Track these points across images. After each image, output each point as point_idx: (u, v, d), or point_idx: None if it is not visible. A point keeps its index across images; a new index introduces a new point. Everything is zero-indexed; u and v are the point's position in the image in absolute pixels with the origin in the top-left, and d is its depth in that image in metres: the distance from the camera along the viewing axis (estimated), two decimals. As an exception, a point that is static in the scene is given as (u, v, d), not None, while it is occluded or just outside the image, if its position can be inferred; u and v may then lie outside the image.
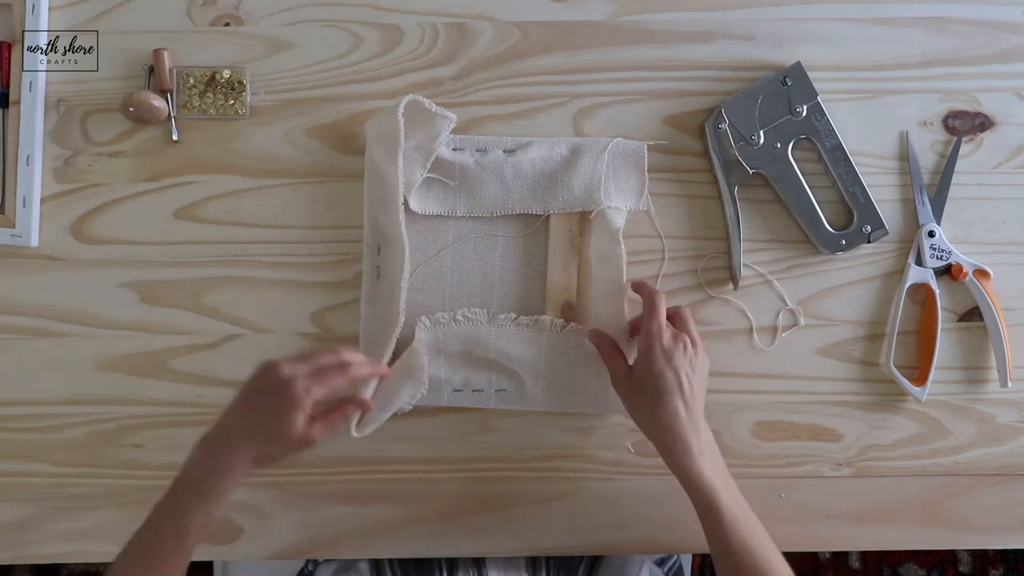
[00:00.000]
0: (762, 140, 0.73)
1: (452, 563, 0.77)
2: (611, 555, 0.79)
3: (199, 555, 0.76)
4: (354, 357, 0.65)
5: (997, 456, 0.76)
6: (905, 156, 0.76)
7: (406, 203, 0.71)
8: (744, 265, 0.74)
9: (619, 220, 0.73)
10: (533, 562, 0.78)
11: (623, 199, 0.73)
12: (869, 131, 0.76)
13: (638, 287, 0.69)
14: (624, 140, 0.74)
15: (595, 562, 0.79)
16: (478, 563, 0.77)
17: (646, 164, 0.73)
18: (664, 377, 0.64)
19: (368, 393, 0.69)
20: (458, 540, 0.76)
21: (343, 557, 0.78)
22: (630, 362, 0.68)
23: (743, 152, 0.73)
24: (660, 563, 0.85)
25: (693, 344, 0.66)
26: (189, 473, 0.62)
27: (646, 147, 0.73)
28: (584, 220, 0.74)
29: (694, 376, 0.65)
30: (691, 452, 0.63)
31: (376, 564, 0.79)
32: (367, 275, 0.73)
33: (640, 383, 0.65)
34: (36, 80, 0.74)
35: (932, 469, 0.76)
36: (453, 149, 0.73)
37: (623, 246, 0.72)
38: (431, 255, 0.74)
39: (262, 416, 0.62)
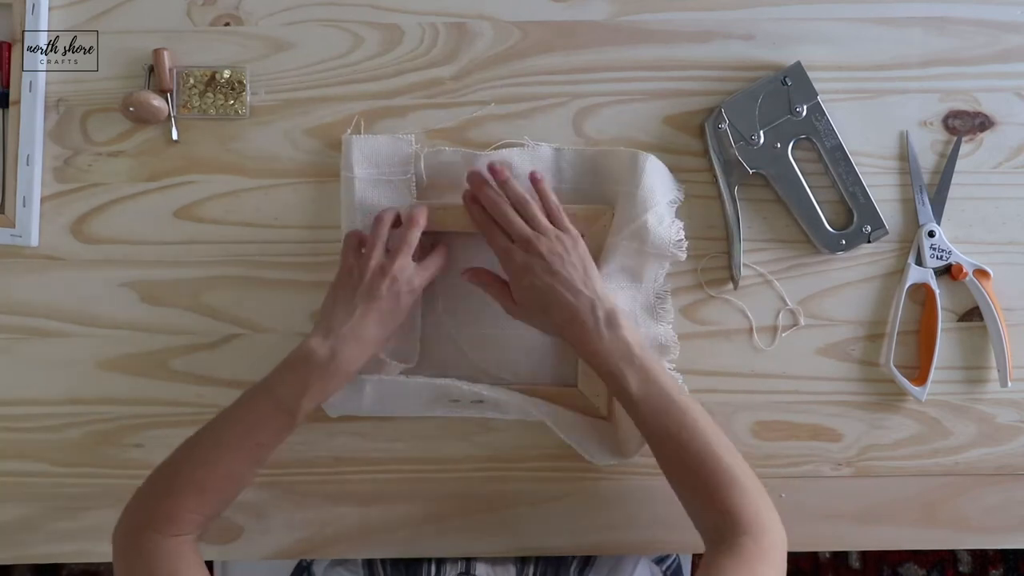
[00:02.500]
0: (762, 140, 0.73)
1: (441, 559, 0.77)
2: (609, 555, 0.79)
3: (199, 555, 0.76)
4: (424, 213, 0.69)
5: (997, 456, 0.76)
6: (905, 156, 0.76)
7: None
8: (744, 265, 0.74)
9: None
10: (522, 558, 0.78)
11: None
12: (869, 131, 0.76)
13: (467, 203, 0.70)
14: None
15: (588, 558, 0.79)
16: (466, 559, 0.77)
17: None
18: (533, 290, 0.65)
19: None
20: (458, 540, 0.76)
21: (342, 557, 0.78)
22: None
23: (743, 152, 0.73)
24: (659, 561, 0.85)
25: (548, 236, 0.66)
26: (310, 369, 0.63)
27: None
28: None
29: (566, 267, 0.65)
30: (588, 338, 0.64)
31: (368, 559, 0.79)
32: None
33: (522, 303, 0.67)
34: (36, 80, 0.74)
35: (932, 469, 0.76)
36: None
37: None
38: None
39: (387, 317, 0.66)
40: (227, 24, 0.75)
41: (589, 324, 0.63)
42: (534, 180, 0.69)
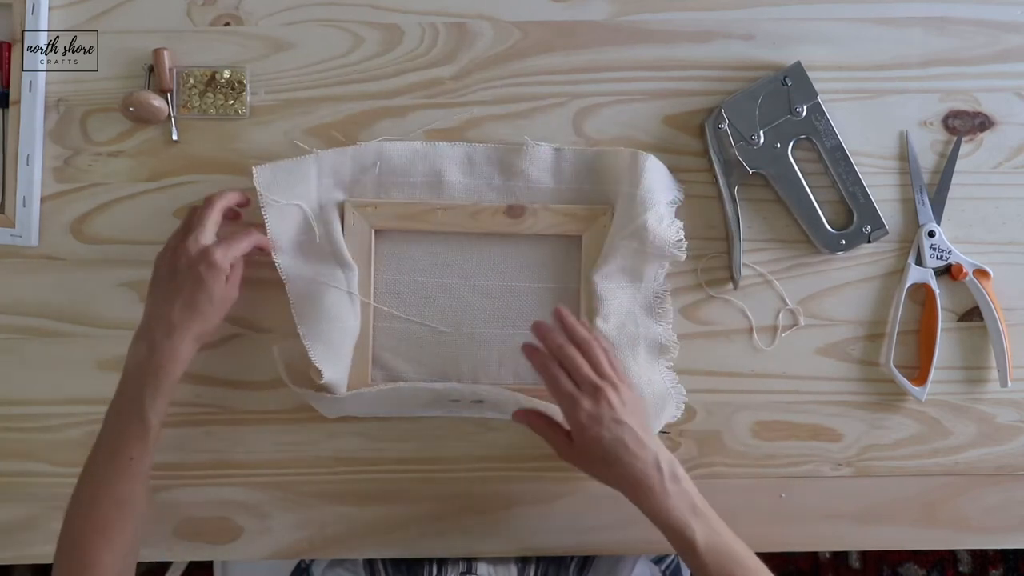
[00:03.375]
0: (762, 140, 0.73)
1: (442, 559, 0.77)
2: (609, 555, 0.79)
3: (199, 555, 0.76)
4: (223, 196, 0.69)
5: (997, 456, 0.76)
6: (905, 156, 0.76)
7: None
8: (744, 265, 0.74)
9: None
10: (523, 558, 0.78)
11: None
12: (869, 131, 0.76)
13: (528, 353, 0.65)
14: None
15: (588, 558, 0.79)
16: (468, 559, 0.77)
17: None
18: (601, 442, 0.62)
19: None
20: (458, 540, 0.76)
21: (342, 556, 0.78)
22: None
23: (743, 152, 0.73)
24: (657, 561, 0.85)
25: (614, 385, 0.63)
26: (140, 371, 0.64)
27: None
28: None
29: (630, 417, 0.62)
30: (654, 495, 0.61)
31: (368, 559, 0.79)
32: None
33: (583, 451, 0.64)
34: (36, 80, 0.74)
35: (932, 469, 0.76)
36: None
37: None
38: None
39: (190, 295, 0.64)
40: (227, 24, 0.75)
41: (655, 481, 0.61)
42: (584, 325, 0.67)
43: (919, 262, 0.75)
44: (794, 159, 0.74)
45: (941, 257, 0.75)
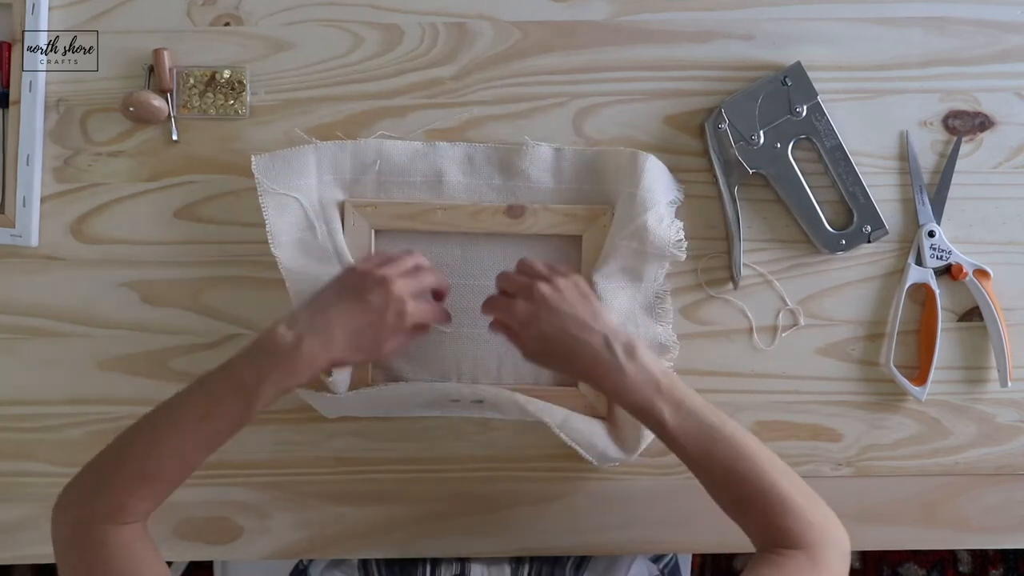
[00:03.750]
0: (762, 140, 0.73)
1: (436, 560, 0.77)
2: (609, 555, 0.79)
3: (199, 555, 0.76)
4: (439, 275, 0.67)
5: (997, 456, 0.77)
6: (905, 156, 0.76)
7: None
8: (744, 265, 0.74)
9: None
10: (518, 558, 0.78)
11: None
12: (869, 131, 0.76)
13: (482, 309, 0.68)
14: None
15: (584, 557, 0.79)
16: (461, 560, 0.77)
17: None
18: (544, 336, 0.62)
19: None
20: (458, 540, 0.76)
21: (342, 556, 0.78)
22: None
23: (743, 152, 0.73)
24: (656, 560, 0.85)
25: (544, 278, 0.64)
26: (273, 358, 0.59)
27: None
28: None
29: (570, 305, 0.63)
30: (610, 377, 0.61)
31: (363, 560, 0.79)
32: None
33: (533, 350, 0.64)
34: (36, 80, 0.74)
35: (932, 469, 0.76)
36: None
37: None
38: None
39: (362, 331, 0.61)
40: (227, 24, 0.75)
41: (609, 361, 0.60)
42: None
43: (919, 262, 0.75)
44: (794, 159, 0.74)
45: (941, 257, 0.75)
